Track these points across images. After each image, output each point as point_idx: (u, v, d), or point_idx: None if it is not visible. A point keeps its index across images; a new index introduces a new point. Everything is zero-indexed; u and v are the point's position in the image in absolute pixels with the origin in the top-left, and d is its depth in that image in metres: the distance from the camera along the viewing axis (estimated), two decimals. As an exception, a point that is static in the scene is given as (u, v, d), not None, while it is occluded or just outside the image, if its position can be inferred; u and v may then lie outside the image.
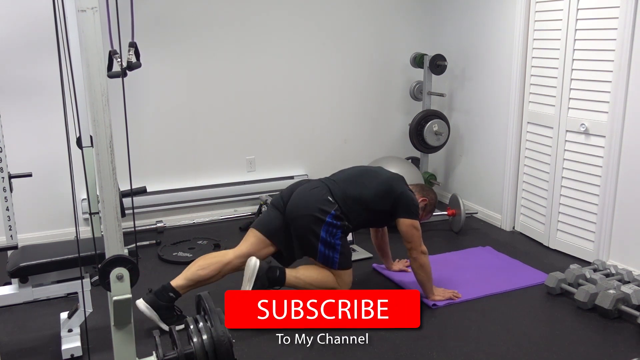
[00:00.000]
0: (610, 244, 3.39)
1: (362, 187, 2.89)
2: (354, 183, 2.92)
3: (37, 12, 3.68)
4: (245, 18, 4.29)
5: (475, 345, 2.64)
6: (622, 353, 2.56)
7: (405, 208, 2.89)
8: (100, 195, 1.54)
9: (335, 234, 2.79)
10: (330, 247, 2.79)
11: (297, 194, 2.89)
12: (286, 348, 2.62)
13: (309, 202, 2.81)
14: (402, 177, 3.03)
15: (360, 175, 2.98)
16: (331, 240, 2.78)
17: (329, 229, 2.77)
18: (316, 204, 2.79)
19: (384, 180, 2.94)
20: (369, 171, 3.04)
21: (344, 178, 2.97)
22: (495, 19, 4.13)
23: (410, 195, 2.95)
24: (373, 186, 2.90)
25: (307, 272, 2.84)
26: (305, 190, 2.89)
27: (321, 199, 2.81)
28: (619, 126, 3.23)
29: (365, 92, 4.83)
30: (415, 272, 2.98)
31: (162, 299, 2.68)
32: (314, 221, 2.77)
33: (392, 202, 2.89)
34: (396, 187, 2.91)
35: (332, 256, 2.80)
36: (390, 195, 2.89)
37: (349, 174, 3.01)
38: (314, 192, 2.85)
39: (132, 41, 1.79)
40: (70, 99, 1.91)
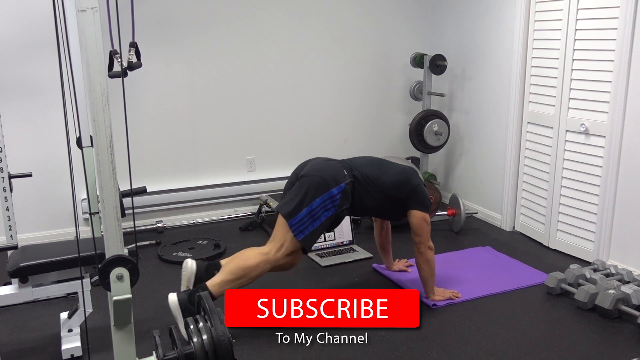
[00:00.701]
0: (610, 244, 3.39)
1: (381, 171, 2.89)
2: (373, 166, 2.91)
3: (37, 12, 3.68)
4: (245, 18, 4.29)
5: (475, 345, 2.64)
6: (622, 353, 2.56)
7: (419, 201, 2.90)
8: (100, 195, 1.54)
9: (328, 209, 2.72)
10: (312, 218, 2.70)
11: (313, 162, 2.88)
12: (286, 347, 2.62)
13: (324, 169, 2.79)
14: (416, 171, 3.04)
15: (378, 162, 2.98)
16: (319, 212, 2.70)
17: (327, 201, 2.71)
18: (330, 172, 2.76)
19: (401, 170, 2.94)
20: (386, 160, 3.03)
21: (362, 161, 2.96)
22: (495, 19, 4.13)
23: (425, 189, 2.96)
24: (391, 173, 2.90)
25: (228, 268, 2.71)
26: (322, 160, 2.90)
27: (337, 169, 2.79)
28: (619, 126, 3.23)
29: (365, 92, 4.83)
30: (419, 268, 2.97)
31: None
32: (320, 185, 2.71)
33: (408, 193, 2.89)
34: (413, 179, 2.92)
35: (305, 225, 2.70)
36: (406, 185, 2.89)
37: (367, 159, 3.00)
38: (331, 163, 2.85)
39: (132, 41, 1.79)
40: (70, 99, 1.91)
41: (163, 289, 3.16)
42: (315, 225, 2.72)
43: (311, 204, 2.69)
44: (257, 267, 2.70)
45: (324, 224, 2.75)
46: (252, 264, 2.70)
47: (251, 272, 2.70)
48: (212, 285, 2.65)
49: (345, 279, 3.36)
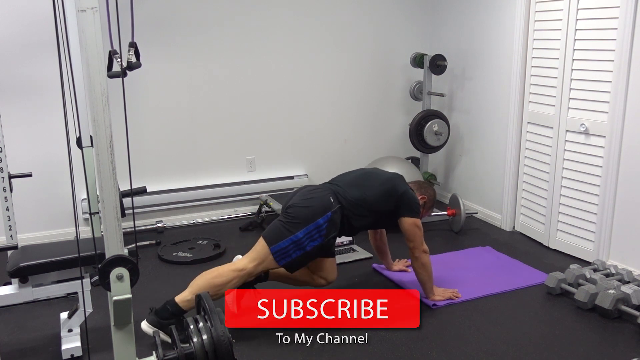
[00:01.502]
0: (610, 244, 3.39)
1: (366, 189, 2.88)
2: (357, 186, 2.89)
3: (37, 12, 3.68)
4: (245, 18, 4.29)
5: (475, 345, 2.64)
6: (622, 353, 2.56)
7: (408, 207, 2.89)
8: (100, 195, 1.54)
9: (315, 239, 2.71)
10: (297, 247, 2.68)
11: (300, 194, 2.87)
12: (286, 348, 2.62)
13: (311, 199, 2.78)
14: (401, 176, 3.03)
15: (361, 178, 2.96)
16: (305, 242, 2.68)
17: (314, 231, 2.69)
18: (318, 202, 2.76)
19: (385, 180, 2.93)
20: (370, 173, 3.02)
21: (346, 182, 2.93)
22: (495, 19, 4.13)
23: (412, 194, 2.95)
24: (376, 187, 2.89)
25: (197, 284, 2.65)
26: (308, 190, 2.88)
27: (323, 198, 2.78)
28: (619, 126, 3.23)
29: (365, 92, 4.83)
30: (416, 272, 2.98)
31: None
32: (306, 215, 2.70)
33: (395, 202, 2.88)
34: (398, 187, 2.91)
35: (290, 254, 2.68)
36: (393, 195, 2.88)
37: (350, 177, 2.98)
38: (317, 192, 2.84)
39: (132, 41, 1.79)
40: (70, 99, 1.91)
41: (163, 289, 3.16)
42: (299, 253, 2.70)
43: (296, 234, 2.67)
44: (228, 284, 2.66)
45: (309, 252, 2.72)
46: (223, 282, 2.65)
47: (221, 289, 2.65)
48: (181, 300, 2.61)
49: (345, 279, 3.36)
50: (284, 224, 2.72)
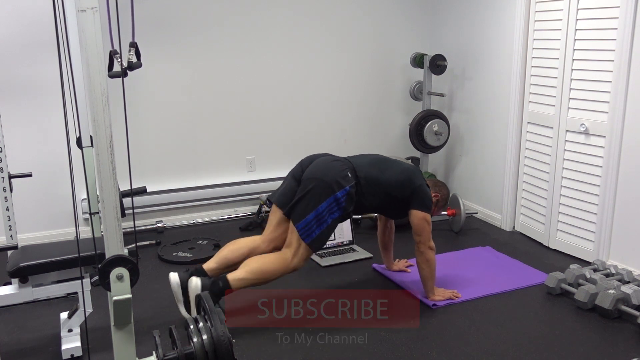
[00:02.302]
0: (610, 244, 3.39)
1: (384, 171, 2.90)
2: (375, 166, 2.92)
3: (37, 12, 3.68)
4: (245, 18, 4.29)
5: (475, 345, 2.64)
6: (622, 353, 2.56)
7: (421, 201, 2.91)
8: (100, 195, 1.54)
9: (334, 212, 2.75)
10: (319, 221, 2.74)
11: (318, 162, 2.88)
12: (286, 347, 2.62)
13: (328, 171, 2.80)
14: (419, 170, 3.06)
15: (380, 161, 2.99)
16: (326, 215, 2.74)
17: (332, 204, 2.74)
18: (334, 175, 2.77)
19: (403, 170, 2.95)
20: (388, 159, 3.04)
21: (365, 160, 2.96)
22: (495, 19, 4.13)
23: (427, 189, 2.97)
24: (394, 173, 2.91)
25: (249, 268, 2.75)
26: (327, 160, 2.90)
27: (341, 172, 2.80)
28: (619, 126, 3.23)
29: (365, 92, 4.83)
30: (420, 267, 2.98)
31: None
32: (325, 189, 2.74)
33: (409, 193, 2.90)
34: (415, 179, 2.92)
35: (314, 229, 2.74)
36: (409, 185, 2.90)
37: (369, 158, 3.01)
38: (335, 165, 2.85)
39: (132, 41, 1.79)
40: (70, 99, 1.92)
41: (163, 289, 3.16)
42: (323, 227, 2.75)
43: (317, 207, 2.72)
44: (276, 271, 2.77)
45: (330, 226, 2.78)
46: (272, 269, 2.75)
47: (270, 275, 2.76)
48: (232, 279, 2.70)
49: (345, 279, 3.36)
50: (304, 198, 2.75)
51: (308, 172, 2.83)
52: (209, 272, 2.80)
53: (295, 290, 3.19)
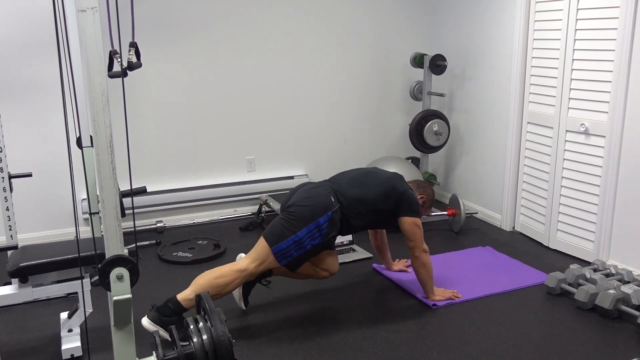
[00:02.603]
0: (610, 244, 3.40)
1: (365, 188, 2.87)
2: (357, 185, 2.89)
3: (37, 12, 3.68)
4: (245, 19, 4.29)
5: (475, 345, 2.64)
6: (622, 353, 2.56)
7: (407, 207, 2.89)
8: (100, 195, 1.54)
9: (315, 239, 2.71)
10: (298, 246, 2.69)
11: (301, 191, 2.86)
12: (286, 347, 2.62)
13: (312, 198, 2.78)
14: (401, 176, 3.03)
15: (361, 177, 2.96)
16: (306, 242, 2.69)
17: (313, 230, 2.70)
18: (318, 201, 2.76)
19: (384, 180, 2.93)
20: (369, 172, 3.02)
21: (346, 181, 2.93)
22: (495, 19, 4.13)
23: (411, 193, 2.95)
24: (376, 186, 2.89)
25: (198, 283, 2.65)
26: (310, 188, 2.88)
27: (324, 197, 2.78)
28: (619, 126, 3.23)
29: (365, 92, 4.83)
30: (416, 271, 2.98)
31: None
32: (307, 215, 2.70)
33: (395, 201, 2.88)
34: (398, 186, 2.91)
35: (291, 253, 2.69)
36: (392, 194, 2.88)
37: (350, 176, 2.98)
38: (318, 191, 2.83)
39: (132, 41, 1.79)
40: (70, 99, 1.92)
41: (163, 289, 3.16)
42: (300, 252, 2.70)
43: (297, 233, 2.68)
44: (231, 284, 2.67)
45: (309, 251, 2.73)
46: (225, 282, 2.66)
47: (223, 289, 2.66)
48: (182, 299, 2.61)
49: (345, 279, 3.36)
50: (285, 223, 2.71)
51: (292, 200, 2.81)
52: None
53: (295, 290, 3.19)
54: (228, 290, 2.68)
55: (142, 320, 2.60)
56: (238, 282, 2.69)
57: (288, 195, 2.91)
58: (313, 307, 3.03)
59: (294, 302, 3.06)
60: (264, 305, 3.03)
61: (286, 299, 3.09)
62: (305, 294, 3.15)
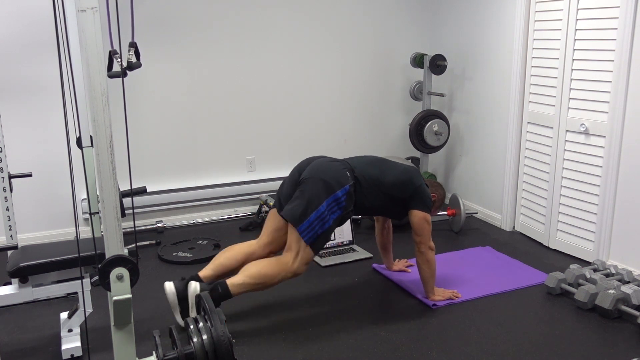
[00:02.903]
0: (610, 244, 3.39)
1: (383, 172, 2.89)
2: (375, 167, 2.91)
3: (37, 12, 3.68)
4: (245, 18, 4.29)
5: (475, 345, 2.64)
6: (622, 353, 2.56)
7: (421, 201, 2.90)
8: (100, 195, 1.54)
9: (334, 212, 2.72)
10: (320, 222, 2.70)
11: (315, 163, 2.85)
12: (286, 347, 2.62)
13: (327, 171, 2.77)
14: (418, 170, 3.04)
15: (379, 161, 2.97)
16: (327, 215, 2.70)
17: (333, 204, 2.71)
18: (334, 175, 2.75)
19: (403, 170, 2.93)
20: (388, 160, 3.02)
21: (364, 161, 2.95)
22: (495, 19, 4.13)
23: (427, 189, 2.97)
24: (394, 173, 2.90)
25: (248, 273, 2.72)
26: (325, 161, 2.87)
27: (340, 171, 2.78)
28: (619, 126, 3.23)
29: (365, 92, 4.83)
30: (420, 268, 2.97)
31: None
32: (325, 188, 2.71)
33: (410, 193, 2.89)
34: (415, 179, 2.92)
35: (315, 230, 2.70)
36: (409, 185, 2.89)
37: (367, 159, 2.99)
38: (334, 165, 2.83)
39: (132, 41, 1.79)
40: (70, 99, 1.92)
41: (163, 289, 3.16)
42: (325, 228, 2.72)
43: (319, 207, 2.69)
44: (277, 276, 2.73)
45: (332, 226, 2.75)
46: (272, 273, 2.72)
47: (270, 280, 2.73)
48: (232, 284, 2.68)
49: (345, 279, 3.36)
50: (304, 199, 2.71)
51: (306, 172, 2.80)
52: (204, 280, 2.77)
53: (296, 290, 3.19)
54: (273, 282, 2.74)
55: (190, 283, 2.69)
56: (283, 276, 2.73)
57: (302, 164, 2.90)
58: (313, 307, 3.03)
59: (293, 303, 3.06)
60: (264, 305, 3.03)
61: (286, 299, 3.09)
62: (305, 294, 3.15)
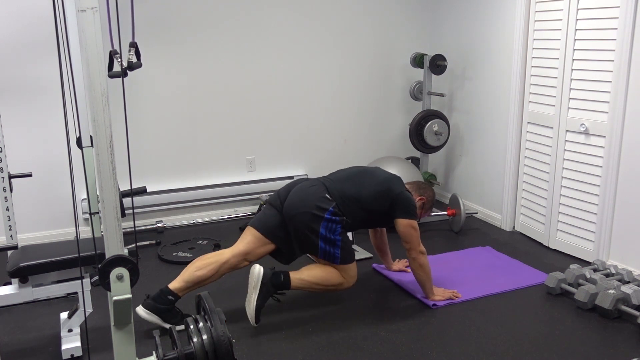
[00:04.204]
0: (610, 244, 3.40)
1: (360, 187, 2.89)
2: (352, 183, 2.91)
3: (37, 12, 3.68)
4: (245, 18, 4.29)
5: (475, 345, 2.64)
6: (622, 353, 2.56)
7: (403, 208, 2.89)
8: (100, 195, 1.54)
9: (335, 230, 2.77)
10: (330, 244, 2.77)
11: (294, 192, 2.88)
12: (286, 348, 2.62)
13: (307, 200, 2.80)
14: (399, 178, 3.03)
15: (357, 175, 2.98)
16: (331, 236, 2.76)
17: (328, 225, 2.76)
18: (314, 202, 2.78)
19: (381, 181, 2.94)
20: (367, 171, 3.03)
21: (341, 177, 2.96)
22: (495, 18, 4.13)
23: (408, 195, 2.95)
24: (371, 186, 2.90)
25: (311, 272, 2.83)
26: (303, 188, 2.89)
27: (319, 196, 2.81)
28: (619, 126, 3.23)
29: (365, 92, 4.83)
30: (414, 272, 2.98)
31: (161, 303, 2.66)
32: (312, 219, 2.76)
33: (390, 203, 2.89)
34: (394, 188, 2.91)
35: (333, 252, 2.78)
36: (387, 195, 2.89)
37: (346, 173, 3.01)
38: (312, 190, 2.85)
39: (132, 41, 1.79)
40: (70, 99, 1.92)
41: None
42: (338, 244, 2.79)
43: (319, 235, 2.76)
44: (334, 285, 2.84)
45: (343, 239, 2.82)
46: (333, 282, 2.83)
47: (328, 286, 2.83)
48: (294, 277, 2.79)
49: (345, 279, 3.35)
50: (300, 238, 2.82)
51: (288, 206, 2.84)
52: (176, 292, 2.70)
53: (295, 290, 3.19)
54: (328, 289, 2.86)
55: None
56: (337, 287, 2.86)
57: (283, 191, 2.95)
58: (313, 307, 3.02)
59: (293, 302, 3.06)
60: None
61: (286, 299, 3.09)
62: (304, 294, 3.14)
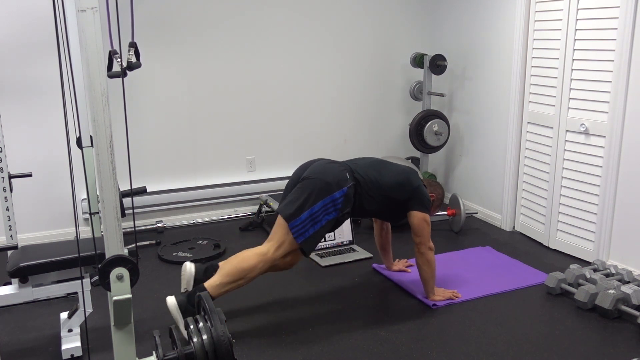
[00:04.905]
0: (610, 244, 3.39)
1: (381, 174, 2.90)
2: (374, 169, 2.91)
3: (37, 12, 3.68)
4: (245, 18, 4.29)
5: (475, 345, 2.64)
6: (622, 353, 2.56)
7: (420, 201, 2.91)
8: (100, 195, 1.54)
9: (330, 213, 2.72)
10: (313, 221, 2.69)
11: (316, 165, 2.85)
12: (286, 347, 2.62)
13: (327, 172, 2.77)
14: (416, 171, 3.06)
15: (378, 163, 2.99)
16: (320, 216, 2.70)
17: (329, 204, 2.70)
18: (333, 176, 2.75)
19: (401, 171, 2.95)
20: (385, 162, 3.04)
21: (363, 163, 2.96)
22: (495, 19, 4.13)
23: (425, 189, 2.98)
24: (392, 175, 2.91)
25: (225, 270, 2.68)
26: (324, 162, 2.88)
27: (339, 173, 2.78)
28: (619, 126, 3.23)
29: (365, 92, 4.83)
30: (420, 268, 2.97)
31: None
32: (322, 188, 2.70)
33: (408, 194, 2.90)
34: (413, 181, 2.93)
35: (307, 228, 2.69)
36: (407, 187, 2.90)
37: (367, 160, 3.01)
38: (333, 166, 2.83)
39: (132, 41, 1.79)
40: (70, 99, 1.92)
41: (163, 289, 3.16)
42: (316, 228, 2.71)
43: (312, 207, 2.68)
44: (255, 268, 2.69)
45: (324, 227, 2.74)
46: (250, 265, 2.68)
47: (249, 273, 2.68)
48: (210, 286, 2.63)
49: (345, 279, 3.36)
50: (300, 197, 2.70)
51: (307, 173, 2.80)
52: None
53: (296, 290, 3.20)
54: (253, 275, 2.69)
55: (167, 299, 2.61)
56: (262, 267, 2.69)
57: (302, 168, 2.89)
58: (313, 307, 3.03)
59: (293, 302, 3.06)
60: (264, 305, 3.03)
61: (286, 299, 3.09)
62: (305, 294, 3.15)
